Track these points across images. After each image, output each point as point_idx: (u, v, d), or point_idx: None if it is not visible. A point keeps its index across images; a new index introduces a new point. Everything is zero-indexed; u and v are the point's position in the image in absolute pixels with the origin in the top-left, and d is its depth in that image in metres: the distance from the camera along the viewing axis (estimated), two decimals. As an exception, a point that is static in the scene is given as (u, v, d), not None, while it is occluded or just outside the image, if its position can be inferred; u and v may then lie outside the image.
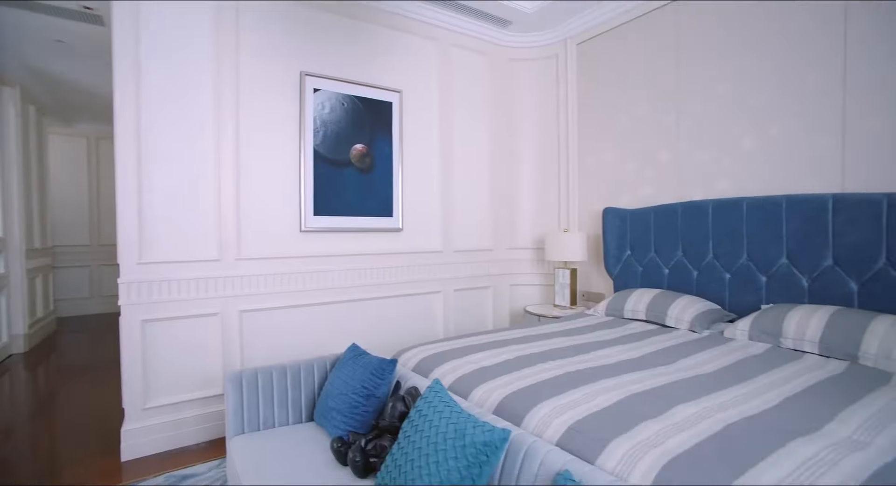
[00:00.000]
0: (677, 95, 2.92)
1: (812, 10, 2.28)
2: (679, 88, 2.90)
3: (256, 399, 1.80)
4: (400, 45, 3.19)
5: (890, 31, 2.05)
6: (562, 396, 1.47)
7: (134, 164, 2.32)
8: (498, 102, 3.72)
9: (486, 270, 3.66)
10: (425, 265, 3.31)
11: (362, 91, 2.96)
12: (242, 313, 2.60)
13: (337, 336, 2.93)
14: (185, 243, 2.45)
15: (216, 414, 2.53)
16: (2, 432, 2.67)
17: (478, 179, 3.62)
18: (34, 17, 3.29)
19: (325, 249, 2.87)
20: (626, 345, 2.11)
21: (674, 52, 2.92)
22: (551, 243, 3.42)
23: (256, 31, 2.63)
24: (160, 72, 2.37)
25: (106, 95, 4.97)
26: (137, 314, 2.34)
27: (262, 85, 2.65)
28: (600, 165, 3.47)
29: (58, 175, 6.02)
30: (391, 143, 3.10)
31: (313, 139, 2.78)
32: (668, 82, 2.97)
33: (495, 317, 3.73)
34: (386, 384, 1.69)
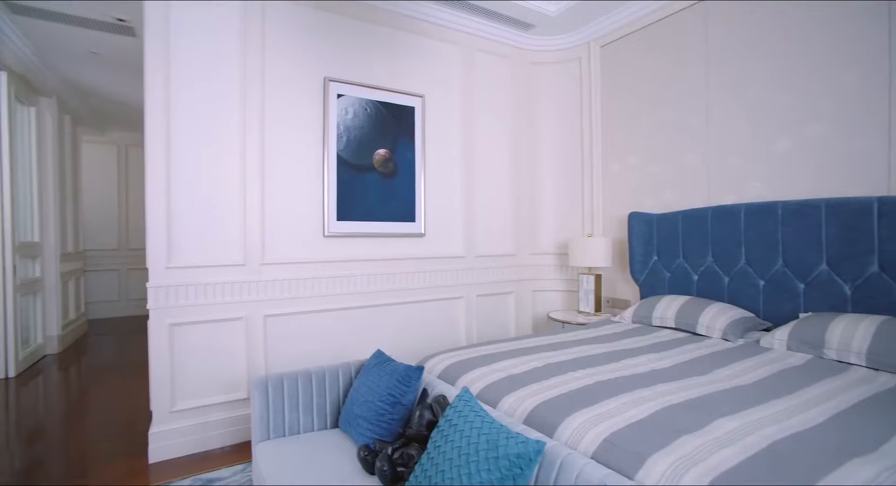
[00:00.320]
0: (706, 97, 2.84)
1: (853, 9, 2.19)
2: (708, 89, 2.83)
3: (282, 405, 1.80)
4: (423, 49, 3.19)
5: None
6: (595, 406, 1.42)
7: (163, 170, 2.36)
8: (520, 105, 3.69)
9: (509, 275, 3.62)
10: (447, 271, 3.29)
11: (385, 96, 2.97)
12: (267, 318, 2.61)
13: (359, 342, 2.93)
14: (211, 248, 2.48)
15: (241, 418, 2.55)
16: (37, 430, 2.74)
17: (500, 183, 3.59)
18: (71, 30, 3.41)
19: (348, 254, 2.88)
20: (657, 353, 2.05)
21: (702, 52, 2.85)
22: (575, 248, 3.36)
23: (281, 38, 2.67)
24: (189, 80, 2.42)
25: (135, 103, 5.12)
26: (165, 318, 2.38)
27: (286, 91, 2.68)
28: (625, 168, 3.40)
29: (89, 181, 6.22)
30: (414, 148, 3.10)
31: (337, 145, 2.79)
32: (696, 83, 2.90)
33: (518, 323, 3.68)
34: (412, 392, 1.67)
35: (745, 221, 2.51)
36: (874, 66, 2.13)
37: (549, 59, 3.72)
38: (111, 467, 2.30)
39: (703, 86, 2.86)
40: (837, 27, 2.25)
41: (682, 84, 2.99)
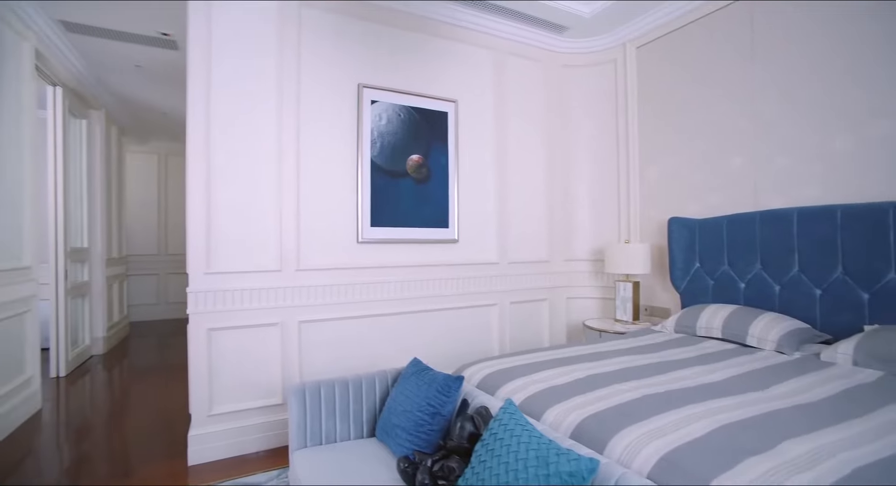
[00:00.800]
0: (753, 96, 2.71)
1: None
2: (755, 87, 2.70)
3: (319, 412, 1.79)
4: (455, 54, 3.18)
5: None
6: (646, 422, 1.35)
7: (203, 178, 2.42)
8: (552, 109, 3.62)
9: (543, 282, 3.54)
10: (481, 277, 3.24)
11: (418, 102, 2.97)
12: (301, 324, 2.63)
13: (392, 348, 2.91)
14: (248, 254, 2.52)
15: (275, 424, 2.56)
16: (84, 429, 2.83)
17: (533, 188, 3.53)
18: (119, 46, 3.57)
19: (381, 260, 2.88)
20: (706, 366, 1.94)
21: (749, 49, 2.72)
22: (611, 254, 3.25)
23: (316, 47, 2.70)
24: (228, 90, 2.47)
25: (175, 113, 5.32)
26: (204, 323, 2.42)
27: (321, 98, 2.71)
28: (664, 172, 3.28)
29: (131, 189, 6.49)
30: (447, 153, 3.08)
31: (371, 151, 2.80)
32: (741, 82, 2.77)
33: (552, 331, 3.59)
34: (452, 402, 1.63)
35: (798, 226, 2.37)
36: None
37: (583, 61, 3.64)
38: (153, 467, 2.35)
39: (749, 84, 2.73)
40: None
41: (725, 84, 2.86)
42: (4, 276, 2.74)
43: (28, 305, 3.03)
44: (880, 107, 2.18)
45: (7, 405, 2.76)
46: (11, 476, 2.30)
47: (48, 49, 3.36)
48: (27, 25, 3.05)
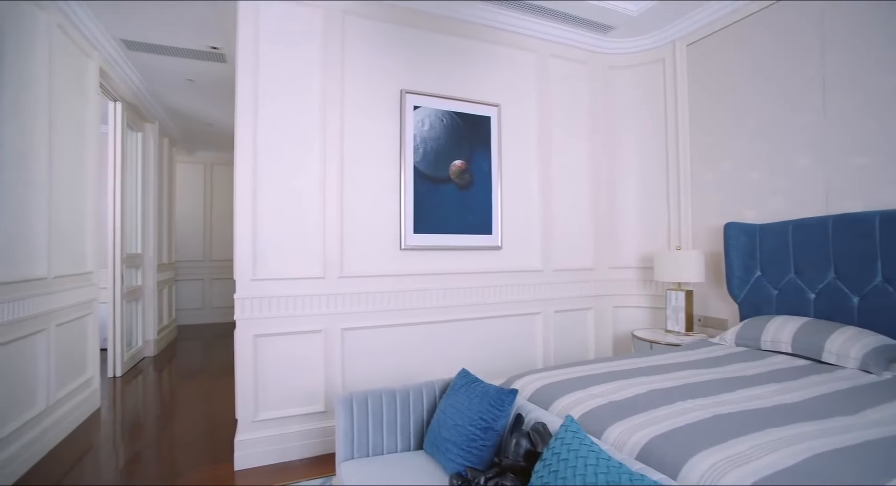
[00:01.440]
0: (822, 91, 2.52)
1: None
2: (825, 82, 2.50)
3: (366, 423, 1.75)
4: (497, 58, 3.13)
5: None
6: (724, 445, 1.23)
7: (250, 186, 2.46)
8: (598, 112, 3.51)
9: (588, 290, 3.41)
10: (524, 285, 3.15)
11: (461, 106, 2.93)
12: (344, 331, 2.62)
13: (434, 357, 2.86)
14: (292, 261, 2.54)
15: (318, 431, 2.55)
16: (137, 429, 2.93)
17: (577, 194, 3.42)
18: (172, 61, 3.74)
19: (424, 267, 2.84)
20: (780, 384, 1.78)
21: (817, 41, 2.54)
22: (661, 262, 3.09)
23: (358, 54, 2.72)
24: (274, 99, 2.51)
25: (221, 125, 5.52)
26: (250, 329, 2.45)
27: (364, 105, 2.72)
28: (718, 175, 3.10)
29: (178, 197, 6.78)
30: (490, 158, 3.02)
31: (413, 156, 2.78)
32: (807, 77, 2.58)
33: (597, 341, 3.44)
34: (505, 417, 1.56)
35: (880, 232, 2.16)
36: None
37: (629, 62, 3.51)
38: (201, 470, 2.39)
39: (817, 79, 2.54)
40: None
41: (789, 79, 2.68)
42: (71, 280, 2.88)
43: (90, 308, 3.18)
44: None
45: (71, 402, 2.89)
46: (72, 472, 2.39)
47: (110, 66, 3.55)
48: (93, 45, 3.23)
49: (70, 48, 2.92)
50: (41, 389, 2.56)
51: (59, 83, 2.73)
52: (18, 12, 2.36)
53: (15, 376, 2.34)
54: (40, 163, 2.55)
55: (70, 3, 2.83)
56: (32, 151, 2.48)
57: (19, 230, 2.36)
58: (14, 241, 2.32)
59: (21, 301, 2.35)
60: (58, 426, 2.70)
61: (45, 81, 2.58)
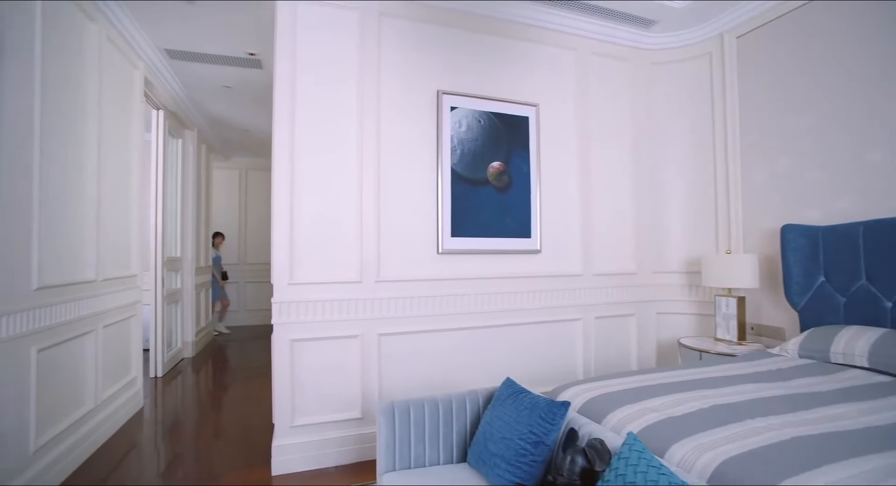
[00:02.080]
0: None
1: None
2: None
3: (408, 434, 1.69)
4: (536, 57, 3.05)
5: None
6: (814, 472, 1.11)
7: (287, 190, 2.45)
8: (639, 110, 3.37)
9: (630, 296, 3.27)
10: (564, 290, 3.04)
11: (498, 107, 2.86)
12: (381, 337, 2.58)
13: (471, 363, 2.79)
14: (329, 265, 2.52)
15: (355, 438, 2.51)
16: (177, 430, 2.97)
17: (619, 196, 3.28)
18: (211, 69, 3.82)
19: (461, 271, 2.78)
20: (864, 403, 1.61)
21: (890, 25, 2.33)
22: (710, 266, 2.93)
23: (395, 56, 2.69)
24: (311, 102, 2.51)
25: (257, 130, 5.64)
26: (287, 334, 2.43)
27: (400, 107, 2.69)
28: (772, 174, 2.91)
29: (215, 202, 6.96)
30: (528, 159, 2.94)
31: (451, 158, 2.73)
32: (880, 65, 2.38)
33: (640, 349, 3.29)
34: (556, 430, 1.47)
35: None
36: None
37: (673, 57, 3.36)
38: (239, 473, 2.39)
39: (892, 66, 2.34)
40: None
41: (858, 66, 2.48)
42: (117, 283, 2.96)
43: (134, 310, 3.26)
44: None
45: (117, 402, 2.96)
46: (116, 471, 2.44)
47: (153, 75, 3.66)
48: (139, 55, 3.33)
49: (118, 59, 3.01)
50: (89, 388, 2.63)
51: (107, 93, 2.81)
52: (71, 25, 2.44)
53: (66, 375, 2.40)
54: (90, 170, 2.63)
55: (118, 15, 2.92)
56: (83, 159, 2.56)
57: (71, 234, 2.44)
58: (66, 244, 2.39)
59: (73, 303, 2.42)
60: (104, 424, 2.77)
61: (95, 91, 2.67)
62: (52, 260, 2.26)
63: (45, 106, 2.18)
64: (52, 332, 2.25)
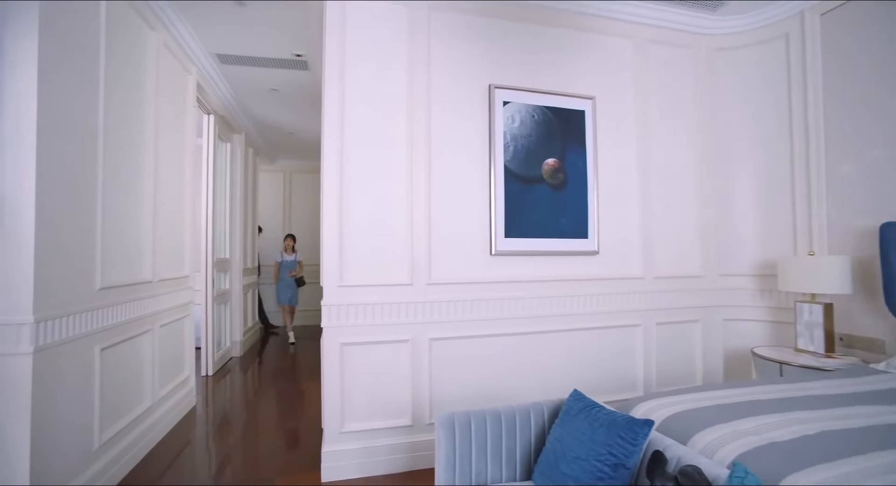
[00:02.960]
0: None
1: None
2: None
3: (469, 447, 1.58)
4: (591, 47, 2.88)
5: None
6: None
7: (336, 191, 2.40)
8: (703, 100, 3.12)
9: (694, 300, 3.03)
10: (623, 294, 2.85)
11: (553, 101, 2.72)
12: (432, 341, 2.49)
13: (525, 370, 2.65)
14: (379, 267, 2.45)
15: (405, 446, 2.43)
16: (226, 431, 3.00)
17: (682, 192, 3.05)
18: (258, 72, 3.87)
19: (515, 274, 2.65)
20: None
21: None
22: (788, 269, 2.65)
23: (445, 50, 2.59)
24: (360, 99, 2.44)
25: (303, 133, 5.71)
26: (337, 337, 2.38)
27: (451, 102, 2.59)
28: (864, 167, 2.61)
29: (260, 204, 7.12)
30: (584, 155, 2.77)
31: (503, 155, 2.61)
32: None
33: (705, 358, 3.04)
34: (638, 452, 1.32)
35: None
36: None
37: (742, 41, 3.10)
38: (289, 477, 2.36)
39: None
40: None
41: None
42: (171, 284, 3.03)
43: (187, 310, 3.33)
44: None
45: (172, 400, 3.02)
46: (169, 471, 2.46)
47: (205, 81, 3.74)
48: (192, 61, 3.41)
49: (174, 66, 3.08)
50: (147, 386, 2.68)
51: (163, 99, 2.87)
52: (133, 33, 2.50)
53: (127, 373, 2.45)
54: (147, 173, 2.69)
55: (175, 23, 2.99)
56: (141, 163, 2.62)
57: (129, 235, 2.49)
58: (125, 246, 2.44)
59: (132, 303, 2.46)
60: (160, 422, 2.82)
61: (153, 97, 2.73)
62: (113, 261, 2.30)
63: (107, 112, 2.22)
64: (113, 331, 2.29)
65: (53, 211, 1.84)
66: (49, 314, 1.80)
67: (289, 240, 5.94)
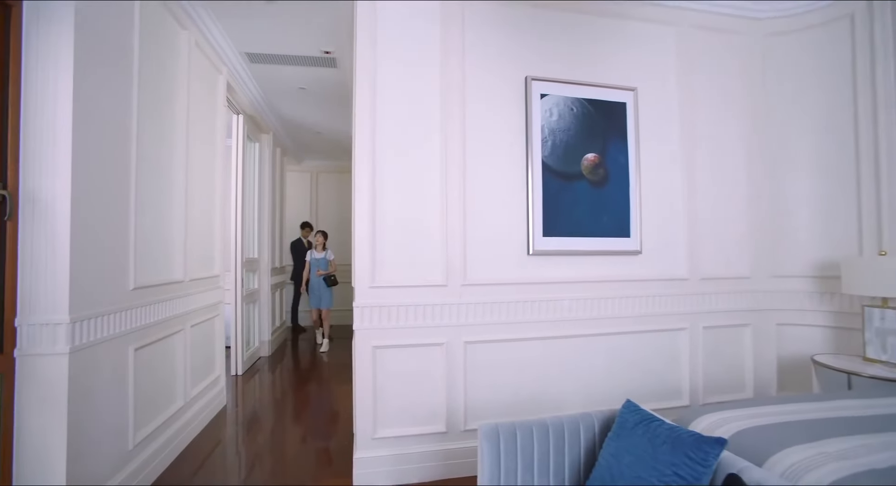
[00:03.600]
0: None
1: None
2: None
3: (514, 462, 1.47)
4: (631, 35, 2.72)
5: None
6: None
7: (368, 189, 2.32)
8: (754, 89, 2.92)
9: (744, 303, 2.84)
10: (667, 296, 2.69)
11: (592, 92, 2.58)
12: (467, 345, 2.39)
13: (564, 375, 2.52)
14: (412, 267, 2.36)
15: (438, 454, 2.34)
16: (259, 429, 2.97)
17: (731, 187, 2.87)
18: (287, 70, 3.85)
19: (553, 275, 2.52)
20: None
21: None
22: (854, 271, 2.44)
23: (479, 41, 2.49)
24: (392, 99, 2.36)
25: (330, 132, 5.70)
26: (369, 340, 2.31)
27: (486, 96, 2.48)
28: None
29: (287, 204, 7.16)
30: (626, 150, 2.62)
31: (541, 151, 2.48)
32: None
33: (757, 365, 2.85)
34: (709, 474, 1.18)
35: None
36: None
37: (796, 25, 2.88)
38: (320, 482, 2.30)
39: None
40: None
41: None
42: (203, 283, 3.02)
43: (217, 310, 3.33)
44: None
45: (203, 400, 3.02)
46: (202, 470, 2.44)
47: (235, 80, 3.74)
48: (223, 61, 3.41)
49: (205, 65, 3.08)
50: (179, 386, 2.67)
51: (195, 99, 2.87)
52: (165, 32, 2.49)
53: (160, 373, 2.44)
54: (179, 173, 2.68)
55: (206, 22, 2.98)
56: (173, 162, 2.61)
57: (162, 235, 2.48)
58: (158, 245, 2.43)
59: (164, 303, 2.45)
60: (192, 422, 2.81)
61: (185, 97, 2.72)
62: (146, 260, 2.29)
63: (140, 111, 2.21)
64: (147, 331, 2.28)
65: (88, 210, 1.82)
66: (84, 314, 1.78)
67: (319, 236, 5.44)
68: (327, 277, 5.23)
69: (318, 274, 5.24)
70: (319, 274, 5.23)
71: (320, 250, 5.33)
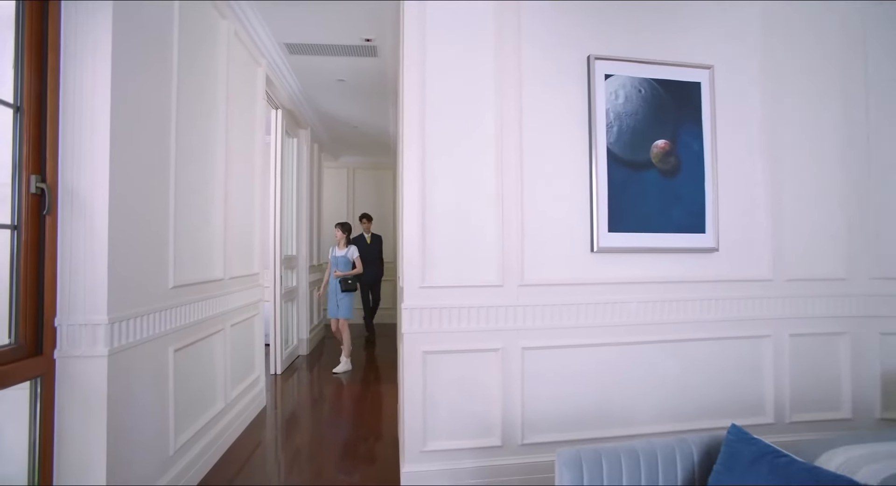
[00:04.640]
0: None
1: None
2: None
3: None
4: (708, 7, 2.43)
5: None
6: None
7: (418, 183, 2.14)
8: (852, 68, 2.56)
9: (839, 308, 2.50)
10: (748, 299, 2.39)
11: (663, 72, 2.31)
12: (525, 351, 2.18)
13: (631, 386, 2.28)
14: (465, 266, 2.17)
15: (493, 469, 2.14)
16: (300, 431, 2.86)
17: (821, 177, 2.53)
18: (326, 61, 3.73)
19: (619, 274, 2.27)
20: None
21: None
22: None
23: (537, 19, 2.26)
24: (442, 84, 2.17)
25: (366, 127, 5.59)
26: (419, 344, 2.13)
27: (544, 80, 2.25)
28: None
29: (324, 201, 7.13)
30: (700, 136, 2.34)
31: (606, 137, 2.23)
32: None
33: (855, 379, 2.50)
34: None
35: None
36: None
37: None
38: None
39: None
40: None
41: None
42: (243, 281, 2.94)
43: (257, 308, 3.25)
44: None
45: (244, 400, 2.94)
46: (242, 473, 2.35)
47: (274, 74, 3.65)
48: (261, 53, 3.32)
49: (244, 56, 2.99)
50: (220, 387, 2.59)
51: (234, 92, 2.77)
52: (204, 22, 2.40)
53: (200, 374, 2.36)
54: (218, 169, 2.59)
55: (245, 10, 2.88)
56: (213, 158, 2.52)
57: (201, 232, 2.39)
58: (197, 242, 2.34)
59: (204, 302, 2.36)
60: (233, 424, 2.73)
61: (224, 90, 2.62)
62: (186, 258, 2.20)
63: (179, 105, 2.11)
64: (186, 331, 2.19)
65: (126, 205, 1.73)
66: (123, 315, 1.69)
67: (338, 230, 4.53)
68: (343, 280, 4.36)
69: (335, 275, 4.41)
70: (337, 275, 4.39)
71: (342, 246, 4.49)
